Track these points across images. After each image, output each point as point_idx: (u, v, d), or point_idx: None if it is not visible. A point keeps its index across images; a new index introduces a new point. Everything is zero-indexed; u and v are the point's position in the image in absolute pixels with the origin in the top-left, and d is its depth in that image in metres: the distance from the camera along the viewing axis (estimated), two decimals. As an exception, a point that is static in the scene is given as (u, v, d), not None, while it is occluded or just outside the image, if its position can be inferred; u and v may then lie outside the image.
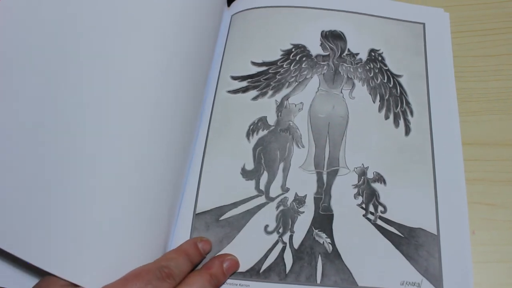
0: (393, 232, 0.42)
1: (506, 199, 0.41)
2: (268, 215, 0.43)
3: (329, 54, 0.50)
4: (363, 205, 0.43)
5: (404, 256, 0.41)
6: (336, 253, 0.41)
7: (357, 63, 0.49)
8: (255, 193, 0.44)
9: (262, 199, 0.44)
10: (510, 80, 0.46)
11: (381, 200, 0.43)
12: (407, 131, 0.46)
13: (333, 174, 0.45)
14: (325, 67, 0.49)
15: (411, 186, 0.44)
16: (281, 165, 0.45)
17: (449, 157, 0.45)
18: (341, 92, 0.48)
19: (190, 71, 0.44)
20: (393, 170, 0.44)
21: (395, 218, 0.43)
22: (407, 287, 0.40)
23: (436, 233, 0.42)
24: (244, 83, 0.48)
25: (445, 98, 0.47)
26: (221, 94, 0.48)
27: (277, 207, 0.43)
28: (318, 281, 0.40)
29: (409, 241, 0.42)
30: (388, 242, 0.42)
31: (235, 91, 0.48)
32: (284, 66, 0.49)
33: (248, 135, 0.46)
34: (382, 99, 0.47)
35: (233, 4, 0.53)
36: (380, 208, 0.43)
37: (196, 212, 0.43)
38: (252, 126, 0.46)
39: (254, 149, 0.45)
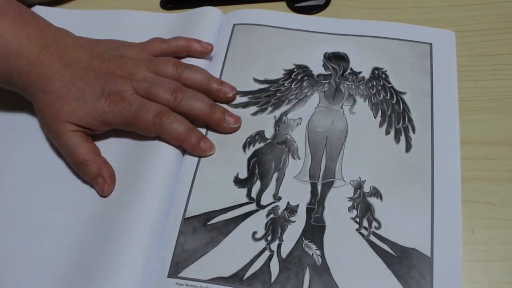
0: (386, 250, 0.40)
1: (505, 198, 0.40)
2: (258, 222, 0.41)
3: (331, 74, 0.50)
4: (357, 219, 0.41)
5: (395, 276, 0.38)
6: (325, 266, 0.39)
7: (359, 81, 0.49)
8: (246, 200, 0.43)
9: (252, 207, 0.42)
10: (508, 80, 0.46)
11: (376, 215, 0.41)
12: (408, 147, 0.44)
13: (328, 185, 0.43)
14: (326, 85, 0.49)
15: (407, 204, 0.42)
16: (275, 175, 0.44)
17: (448, 178, 0.43)
18: (341, 108, 0.47)
19: None
20: (391, 186, 0.42)
21: (389, 235, 0.40)
22: None
23: (429, 255, 0.39)
24: (245, 99, 0.49)
25: (449, 117, 0.46)
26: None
27: (267, 215, 0.42)
28: (302, 292, 0.38)
29: (401, 261, 0.39)
30: (380, 259, 0.39)
31: (235, 105, 0.48)
32: (286, 84, 0.49)
33: (244, 147, 0.46)
34: (383, 114, 0.46)
35: (235, 12, 0.54)
36: (374, 224, 0.41)
37: (186, 217, 0.42)
38: (249, 139, 0.46)
39: (249, 159, 0.45)
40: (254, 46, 0.52)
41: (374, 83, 0.48)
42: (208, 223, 0.42)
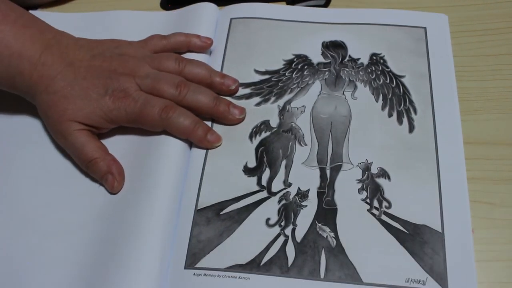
0: (398, 228, 0.40)
1: (506, 198, 0.41)
2: (270, 209, 0.42)
3: (330, 62, 0.51)
4: (368, 200, 0.42)
5: (409, 252, 0.39)
6: (340, 248, 0.40)
7: (358, 67, 0.50)
8: (256, 188, 0.43)
9: (264, 194, 0.43)
10: (508, 80, 0.46)
11: (386, 195, 0.42)
12: (411, 128, 0.45)
13: (336, 169, 0.44)
14: (327, 72, 0.50)
15: (415, 182, 0.43)
16: (284, 162, 0.45)
17: (452, 155, 0.44)
18: (343, 94, 0.48)
19: None
20: (397, 166, 0.43)
21: (399, 214, 0.41)
22: (412, 284, 0.38)
23: (440, 231, 0.40)
24: (247, 90, 0.49)
25: (448, 97, 0.47)
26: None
27: (279, 201, 0.42)
28: (322, 275, 0.39)
29: (414, 238, 0.40)
30: (393, 238, 0.40)
31: (239, 97, 0.49)
32: (287, 74, 0.50)
33: (251, 137, 0.46)
34: (385, 98, 0.47)
35: (231, 7, 0.55)
36: (384, 204, 0.42)
37: (198, 208, 0.42)
38: (255, 129, 0.47)
39: (257, 148, 0.45)
40: (253, 38, 0.52)
41: (373, 68, 0.49)
42: (221, 213, 0.42)
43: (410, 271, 0.38)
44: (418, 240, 0.40)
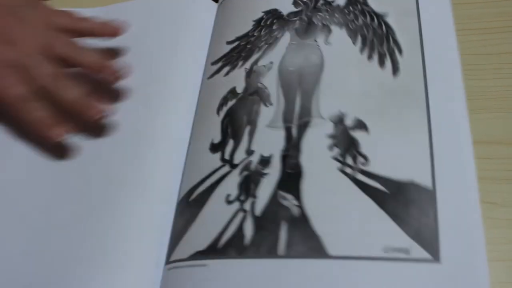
0: (376, 188, 0.33)
1: (506, 197, 0.38)
2: (231, 184, 0.36)
3: (302, 9, 0.44)
4: (339, 157, 0.34)
5: (389, 216, 0.31)
6: (304, 218, 0.33)
7: (333, 10, 0.42)
8: (220, 164, 0.38)
9: (226, 169, 0.37)
10: (509, 79, 0.44)
11: (363, 149, 0.34)
12: (395, 70, 0.37)
13: (303, 125, 0.37)
14: (297, 21, 0.43)
15: (399, 133, 0.35)
16: (247, 129, 0.38)
17: (447, 99, 0.36)
18: (315, 40, 0.41)
19: None
20: (378, 115, 0.36)
21: (379, 171, 0.33)
22: (391, 254, 0.30)
23: (431, 187, 0.32)
24: (219, 64, 0.44)
25: (442, 35, 0.39)
26: (204, 84, 0.44)
27: (240, 173, 0.36)
28: (281, 252, 0.32)
29: (396, 198, 0.32)
30: (369, 200, 0.32)
31: (212, 75, 0.43)
32: (255, 34, 0.44)
33: (218, 110, 0.41)
34: (364, 39, 0.40)
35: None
36: (360, 160, 0.34)
37: (178, 201, 0.38)
38: (221, 101, 0.41)
39: (222, 121, 0.40)
40: (230, 13, 0.47)
41: (351, 9, 0.42)
42: (190, 199, 0.37)
43: (389, 238, 0.30)
44: (401, 200, 0.32)
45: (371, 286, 0.29)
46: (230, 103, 0.40)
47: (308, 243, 0.31)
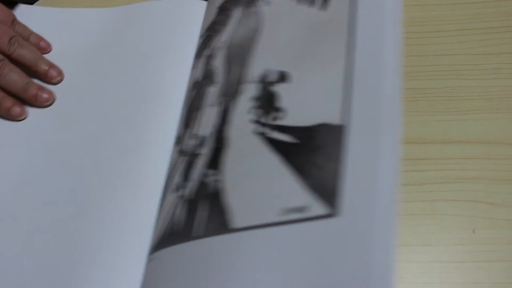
0: (286, 143, 0.28)
1: (507, 198, 0.39)
2: (178, 174, 0.35)
3: None
4: (258, 118, 0.30)
5: (293, 172, 0.26)
6: (220, 193, 0.29)
7: None
8: (177, 156, 0.36)
9: (179, 159, 0.36)
10: (509, 79, 0.45)
11: (282, 102, 0.30)
12: (324, 4, 0.32)
13: (234, 96, 0.34)
14: None
15: (319, 70, 0.29)
16: (197, 114, 0.37)
17: (374, 28, 0.29)
18: (256, 6, 0.38)
19: None
20: (302, 57, 0.31)
21: (293, 121, 0.29)
22: (283, 217, 0.25)
23: (339, 123, 0.26)
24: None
25: None
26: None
27: (183, 160, 0.34)
28: (196, 233, 0.29)
29: (304, 148, 0.27)
30: (275, 159, 0.28)
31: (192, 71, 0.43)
32: (216, 19, 0.42)
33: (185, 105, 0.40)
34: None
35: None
36: (273, 114, 0.30)
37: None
38: (188, 93, 0.40)
39: (186, 114, 0.39)
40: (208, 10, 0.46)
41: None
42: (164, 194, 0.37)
43: (286, 199, 0.25)
44: (308, 149, 0.26)
45: (267, 257, 0.24)
46: (192, 94, 0.39)
47: (216, 219, 0.28)
